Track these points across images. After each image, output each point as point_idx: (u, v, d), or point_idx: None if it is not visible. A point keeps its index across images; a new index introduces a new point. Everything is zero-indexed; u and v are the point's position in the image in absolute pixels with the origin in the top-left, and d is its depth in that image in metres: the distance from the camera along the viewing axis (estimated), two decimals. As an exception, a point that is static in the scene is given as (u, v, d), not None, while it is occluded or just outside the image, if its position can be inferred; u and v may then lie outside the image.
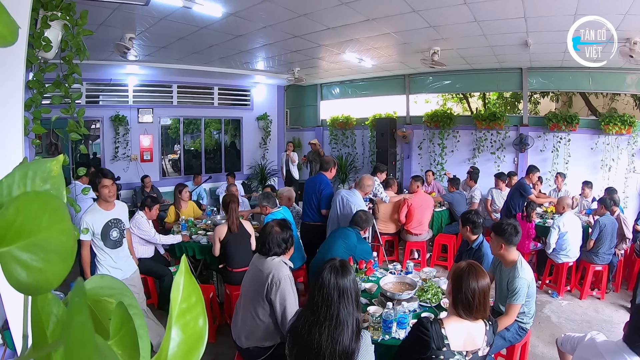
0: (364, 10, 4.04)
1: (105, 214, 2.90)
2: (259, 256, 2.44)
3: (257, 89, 8.74)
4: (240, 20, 4.32)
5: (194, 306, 0.26)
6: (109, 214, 2.91)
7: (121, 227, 2.98)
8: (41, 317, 0.27)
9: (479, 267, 1.80)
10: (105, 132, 6.89)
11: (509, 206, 5.03)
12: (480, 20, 4.27)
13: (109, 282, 0.32)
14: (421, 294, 2.65)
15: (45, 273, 0.25)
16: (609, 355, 1.62)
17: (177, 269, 1.79)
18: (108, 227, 2.89)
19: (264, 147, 8.95)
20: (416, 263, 4.63)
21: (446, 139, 7.46)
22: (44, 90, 1.81)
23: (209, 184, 7.93)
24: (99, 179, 2.85)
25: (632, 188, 6.15)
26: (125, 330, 0.26)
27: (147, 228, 3.86)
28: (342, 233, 3.43)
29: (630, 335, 1.61)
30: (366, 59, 6.38)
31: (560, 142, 6.53)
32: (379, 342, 2.13)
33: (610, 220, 4.26)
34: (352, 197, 3.97)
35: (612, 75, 6.21)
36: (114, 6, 3.61)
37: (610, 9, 3.64)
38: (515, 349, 2.61)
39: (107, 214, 2.90)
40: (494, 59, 6.21)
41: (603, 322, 3.80)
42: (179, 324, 0.26)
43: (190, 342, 0.26)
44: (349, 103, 9.07)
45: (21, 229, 0.25)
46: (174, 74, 7.14)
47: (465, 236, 3.07)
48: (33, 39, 1.75)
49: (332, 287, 1.73)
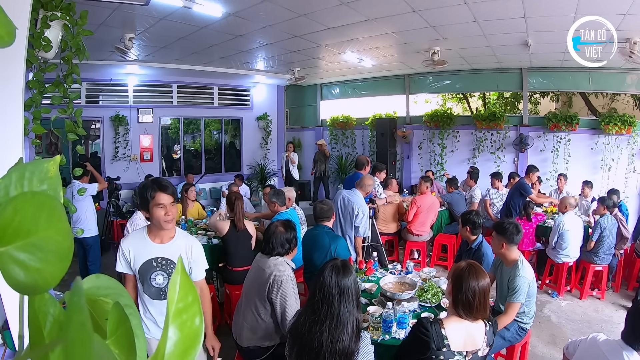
0: (364, 10, 4.04)
1: (153, 248, 1.93)
2: (261, 255, 2.44)
3: (257, 89, 8.74)
4: (240, 20, 4.32)
5: (190, 305, 0.26)
6: (158, 249, 1.94)
7: (172, 273, 1.62)
8: (38, 317, 0.27)
9: (479, 267, 1.80)
10: (105, 132, 6.89)
11: (509, 206, 5.04)
12: (480, 20, 4.27)
13: (105, 282, 0.32)
14: (421, 294, 2.65)
15: (42, 273, 0.25)
16: (610, 354, 1.63)
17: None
18: (150, 267, 1.92)
19: (265, 147, 8.96)
20: (416, 263, 4.63)
21: (446, 139, 7.47)
22: (44, 90, 1.81)
23: (209, 184, 7.95)
24: (152, 192, 1.87)
25: (632, 188, 6.15)
26: (122, 330, 0.27)
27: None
28: (312, 237, 3.18)
29: (628, 333, 1.62)
30: (366, 59, 6.38)
31: (560, 142, 6.53)
32: (379, 342, 2.12)
33: (611, 220, 4.26)
34: (353, 197, 3.97)
35: (612, 75, 6.21)
36: (114, 6, 3.61)
37: (610, 9, 3.64)
38: (515, 349, 2.61)
39: (155, 248, 1.94)
40: (494, 59, 6.21)
41: (603, 322, 3.80)
42: (175, 323, 0.26)
43: (187, 341, 0.26)
44: (349, 103, 9.08)
45: (19, 229, 0.25)
46: (174, 74, 7.14)
47: (465, 236, 3.07)
48: (33, 39, 1.76)
49: (333, 286, 1.74)
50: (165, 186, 1.88)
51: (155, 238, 1.95)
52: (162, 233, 1.94)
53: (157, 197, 1.86)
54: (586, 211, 5.30)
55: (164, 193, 1.87)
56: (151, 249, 1.93)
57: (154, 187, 1.87)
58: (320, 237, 3.10)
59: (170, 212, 1.89)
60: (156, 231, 1.95)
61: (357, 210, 3.83)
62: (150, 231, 1.96)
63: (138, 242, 1.95)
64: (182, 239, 2.01)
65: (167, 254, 1.94)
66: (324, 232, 3.12)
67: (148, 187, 1.89)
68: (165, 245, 1.95)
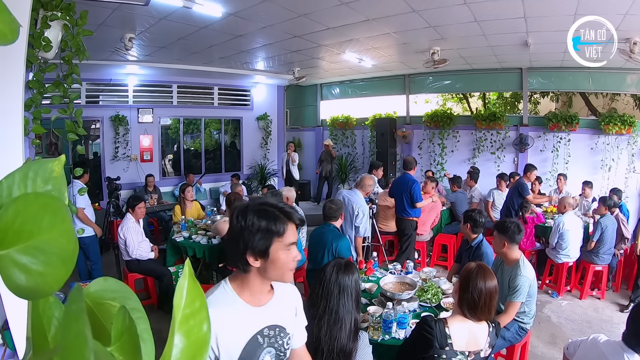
0: (364, 10, 4.04)
1: (254, 315, 1.19)
2: None
3: (257, 89, 8.73)
4: (240, 20, 4.31)
5: (197, 311, 0.26)
6: (261, 315, 1.21)
7: (283, 344, 1.24)
8: (42, 321, 0.26)
9: (488, 269, 1.81)
10: (105, 132, 6.88)
11: (509, 206, 5.04)
12: (480, 20, 4.27)
13: (113, 285, 0.31)
14: (421, 294, 2.64)
15: (45, 276, 0.25)
16: (611, 355, 1.62)
17: (177, 269, 1.79)
18: (256, 346, 1.18)
19: (264, 147, 8.95)
20: (416, 263, 4.64)
21: (446, 139, 7.46)
22: (44, 90, 1.81)
23: (209, 184, 7.94)
24: (281, 225, 1.15)
25: (632, 188, 6.15)
26: (127, 335, 0.26)
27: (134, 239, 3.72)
28: (318, 234, 3.27)
29: (629, 334, 1.62)
30: (366, 59, 6.38)
31: (560, 142, 6.53)
32: (379, 342, 2.12)
33: (611, 220, 4.26)
34: (353, 197, 3.97)
35: (612, 75, 6.21)
36: (114, 6, 3.60)
37: (610, 9, 3.64)
38: (515, 349, 2.61)
39: (257, 314, 1.20)
40: (494, 59, 6.21)
41: (603, 322, 3.80)
42: (182, 330, 0.25)
43: (194, 348, 0.25)
44: (349, 103, 9.07)
45: (20, 231, 0.25)
46: (174, 74, 7.14)
47: (465, 233, 3.07)
48: (33, 39, 1.75)
49: (333, 283, 1.75)
50: (294, 214, 1.18)
51: (253, 298, 1.20)
52: (263, 288, 1.23)
53: (288, 233, 1.15)
54: (586, 211, 5.31)
55: (294, 223, 1.18)
56: (253, 318, 1.19)
57: (282, 217, 1.15)
58: (324, 234, 3.18)
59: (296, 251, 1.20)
60: (258, 286, 1.20)
61: (357, 210, 3.84)
62: (242, 287, 1.19)
63: (227, 312, 1.15)
64: (282, 290, 1.29)
65: (273, 318, 1.22)
66: (329, 230, 3.21)
67: (270, 217, 1.13)
68: (268, 305, 1.22)
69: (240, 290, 1.19)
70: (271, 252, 1.13)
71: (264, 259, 1.13)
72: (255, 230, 1.11)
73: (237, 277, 1.21)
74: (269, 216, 1.13)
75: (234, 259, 1.18)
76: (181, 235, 4.28)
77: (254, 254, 1.12)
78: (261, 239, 1.12)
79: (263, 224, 1.12)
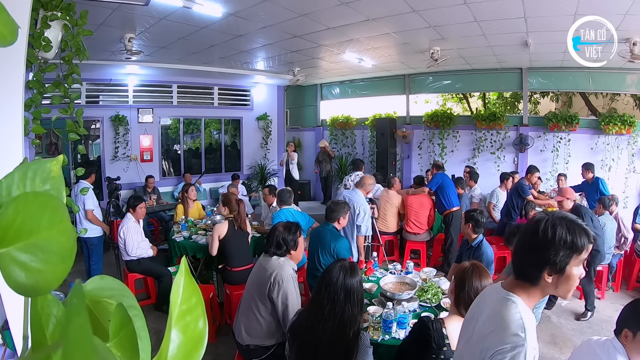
0: (364, 10, 4.04)
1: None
2: (264, 255, 2.46)
3: (257, 89, 8.74)
4: (240, 20, 4.31)
5: (194, 307, 0.26)
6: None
7: None
8: (41, 319, 0.27)
9: (482, 267, 1.82)
10: (105, 132, 6.88)
11: (509, 207, 5.04)
12: (480, 20, 4.27)
13: (109, 283, 0.32)
14: (421, 294, 2.65)
15: (44, 274, 0.25)
16: (603, 353, 1.62)
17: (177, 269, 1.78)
18: None
19: (265, 147, 8.96)
20: (416, 263, 4.63)
21: (446, 139, 7.46)
22: (43, 90, 1.81)
23: (209, 184, 7.95)
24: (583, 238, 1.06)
25: (632, 188, 6.15)
26: (125, 332, 0.26)
27: (134, 239, 3.73)
28: (317, 234, 3.28)
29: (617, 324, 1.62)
30: (366, 59, 6.38)
31: (560, 142, 6.53)
32: (379, 342, 2.12)
33: (610, 220, 4.25)
34: (354, 197, 3.98)
35: (612, 75, 6.21)
36: (114, 6, 3.60)
37: (610, 9, 3.64)
38: (515, 349, 2.60)
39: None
40: (494, 59, 6.21)
41: (603, 322, 3.80)
42: (178, 326, 0.25)
43: (191, 344, 0.25)
44: (349, 103, 9.07)
45: (20, 230, 0.25)
46: (174, 74, 7.14)
47: (466, 233, 3.07)
48: (33, 39, 1.75)
49: (339, 286, 1.75)
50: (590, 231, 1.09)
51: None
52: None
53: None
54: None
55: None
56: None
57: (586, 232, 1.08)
58: (323, 234, 3.20)
59: None
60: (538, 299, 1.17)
61: (359, 209, 3.85)
62: (530, 300, 1.14)
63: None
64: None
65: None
66: (327, 230, 3.23)
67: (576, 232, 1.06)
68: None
69: (529, 304, 1.13)
70: (567, 268, 1.06)
71: (559, 275, 1.07)
72: (561, 245, 1.04)
73: (522, 287, 1.13)
74: (575, 231, 1.05)
75: (524, 269, 1.12)
76: (181, 235, 4.28)
77: (554, 271, 1.06)
78: (564, 256, 1.04)
79: (569, 239, 1.04)
